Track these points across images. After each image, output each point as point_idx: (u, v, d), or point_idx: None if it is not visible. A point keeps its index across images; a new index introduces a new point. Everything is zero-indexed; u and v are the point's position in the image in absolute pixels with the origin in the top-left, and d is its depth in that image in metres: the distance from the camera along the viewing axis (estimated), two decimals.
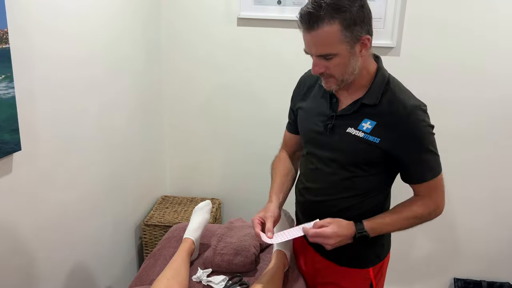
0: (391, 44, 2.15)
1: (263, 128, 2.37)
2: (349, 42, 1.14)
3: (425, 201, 1.28)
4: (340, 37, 1.12)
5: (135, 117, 2.11)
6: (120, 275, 2.09)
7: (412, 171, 1.27)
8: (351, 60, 1.17)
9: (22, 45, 1.29)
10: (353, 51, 1.16)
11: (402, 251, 2.41)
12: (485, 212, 2.30)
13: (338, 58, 1.15)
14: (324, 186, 1.33)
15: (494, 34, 2.08)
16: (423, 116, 1.23)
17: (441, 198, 1.30)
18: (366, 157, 1.25)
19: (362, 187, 1.30)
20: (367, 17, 1.16)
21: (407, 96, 1.25)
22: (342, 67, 1.17)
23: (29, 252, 1.42)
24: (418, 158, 1.24)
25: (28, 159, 1.36)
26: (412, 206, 1.28)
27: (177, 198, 2.50)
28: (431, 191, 1.28)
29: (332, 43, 1.13)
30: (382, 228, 1.27)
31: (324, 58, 1.17)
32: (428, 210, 1.28)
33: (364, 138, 1.23)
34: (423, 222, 1.31)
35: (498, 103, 2.15)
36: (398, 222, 1.28)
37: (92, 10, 1.66)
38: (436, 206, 1.29)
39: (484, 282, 2.36)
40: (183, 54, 2.36)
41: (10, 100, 1.25)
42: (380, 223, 1.26)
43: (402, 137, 1.21)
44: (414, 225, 1.30)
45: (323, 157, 1.32)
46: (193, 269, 1.55)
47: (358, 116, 1.25)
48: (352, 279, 1.39)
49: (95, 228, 1.82)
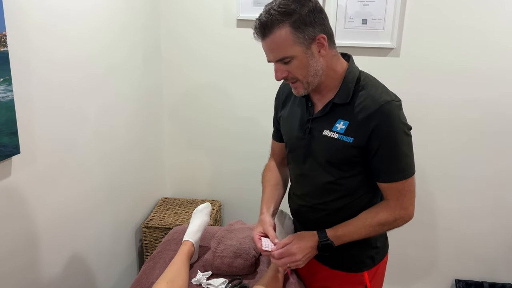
0: (391, 45, 2.14)
1: (264, 130, 2.36)
2: (303, 43, 1.15)
3: (391, 206, 1.24)
4: (292, 39, 1.14)
5: (134, 119, 2.11)
6: (121, 277, 2.09)
7: (381, 169, 1.23)
8: (310, 61, 1.17)
9: (20, 48, 1.29)
10: (310, 52, 1.17)
11: (404, 252, 2.41)
12: (487, 213, 2.29)
13: (296, 60, 1.17)
14: (311, 191, 1.34)
15: (495, 34, 2.07)
16: (396, 111, 1.19)
17: (409, 202, 1.25)
18: (344, 158, 1.24)
19: (347, 188, 1.29)
20: (319, 17, 1.16)
21: (379, 91, 1.22)
22: (302, 69, 1.18)
23: (29, 254, 1.42)
24: (387, 155, 1.20)
25: (27, 162, 1.36)
26: (377, 212, 1.25)
27: (177, 200, 2.49)
28: (399, 194, 1.23)
29: (286, 46, 1.15)
30: (346, 236, 1.25)
31: (283, 63, 1.18)
32: (394, 216, 1.24)
33: (339, 139, 1.23)
34: (391, 229, 1.28)
35: (499, 104, 2.15)
36: (363, 229, 1.25)
37: (90, 12, 1.66)
38: (404, 212, 1.24)
39: (485, 283, 2.35)
40: (183, 55, 2.36)
41: (8, 103, 1.25)
42: (344, 230, 1.25)
43: (373, 132, 1.18)
44: (380, 231, 1.28)
45: (305, 162, 1.32)
46: (193, 272, 1.55)
47: (332, 117, 1.25)
48: (346, 283, 1.38)
49: (95, 230, 1.82)
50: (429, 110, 2.21)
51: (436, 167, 2.27)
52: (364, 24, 2.15)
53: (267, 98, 2.34)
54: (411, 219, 1.27)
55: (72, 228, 1.65)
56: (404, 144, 1.21)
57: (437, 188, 2.31)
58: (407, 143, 1.22)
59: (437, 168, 2.27)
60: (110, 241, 1.97)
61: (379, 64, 2.18)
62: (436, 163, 2.27)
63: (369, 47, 2.15)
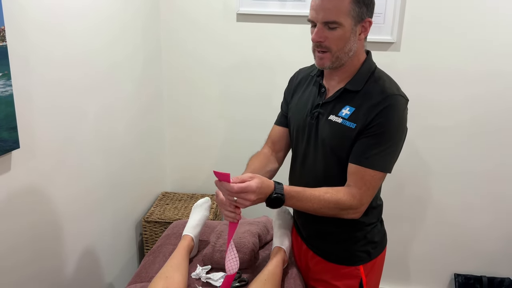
0: (391, 40, 2.14)
1: (263, 124, 2.35)
2: (354, 18, 1.18)
3: (352, 193, 1.20)
4: (349, 8, 1.17)
5: (135, 114, 2.11)
6: (121, 271, 2.10)
7: (358, 150, 1.20)
8: (351, 37, 1.20)
9: (19, 43, 1.29)
10: (355, 29, 1.20)
11: (403, 246, 2.41)
12: (485, 207, 2.30)
13: (341, 30, 1.18)
14: (313, 176, 1.33)
15: (495, 29, 2.06)
16: (400, 106, 1.20)
17: (366, 196, 1.21)
18: (345, 144, 1.24)
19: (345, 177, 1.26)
20: (373, 4, 1.22)
21: (389, 85, 1.24)
22: (341, 42, 1.20)
23: (29, 249, 1.42)
24: (371, 140, 1.19)
25: (26, 157, 1.36)
26: (338, 191, 1.20)
27: (177, 194, 2.50)
28: (362, 183, 1.20)
29: (341, 11, 1.17)
30: (299, 199, 1.17)
31: (328, 27, 1.19)
32: (350, 204, 1.19)
33: (342, 124, 1.23)
34: (339, 215, 1.22)
35: (499, 100, 2.14)
36: (317, 202, 1.18)
37: (90, 8, 1.65)
38: (359, 204, 1.20)
39: (484, 277, 2.36)
40: (182, 50, 2.36)
41: (8, 98, 1.24)
42: (299, 192, 1.18)
43: (372, 119, 1.19)
44: (329, 212, 1.21)
45: (310, 146, 1.33)
46: (193, 266, 1.56)
47: (340, 103, 1.26)
48: (342, 276, 1.39)
49: (95, 224, 1.82)
50: (429, 105, 2.21)
51: (435, 162, 2.28)
52: None
53: (268, 94, 2.36)
54: (357, 217, 1.23)
55: (73, 222, 1.65)
56: (392, 139, 1.21)
57: (436, 183, 2.31)
58: (396, 142, 1.22)
59: (436, 163, 2.28)
60: (111, 236, 1.97)
61: (379, 58, 2.13)
62: (435, 158, 2.27)
63: (370, 41, 2.10)
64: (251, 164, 1.41)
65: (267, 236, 1.71)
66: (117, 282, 2.06)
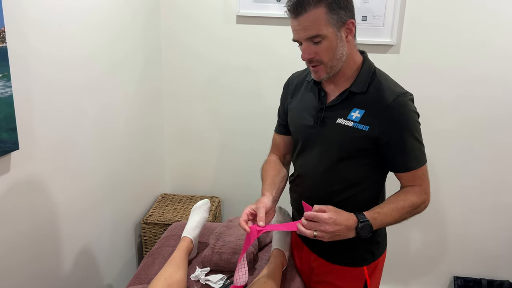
0: (390, 42, 2.14)
1: (263, 126, 2.36)
2: (335, 25, 1.18)
3: (417, 191, 1.26)
4: (326, 18, 1.17)
5: (134, 115, 2.11)
6: (120, 273, 2.10)
7: (399, 159, 1.26)
8: (338, 44, 1.20)
9: (19, 44, 1.29)
10: (340, 35, 1.20)
11: (402, 248, 2.41)
12: (486, 210, 2.30)
13: (326, 41, 1.19)
14: (317, 180, 1.34)
15: (495, 31, 2.07)
16: (410, 103, 1.24)
17: (427, 187, 1.29)
18: (357, 147, 1.26)
19: (354, 178, 1.29)
20: (350, 2, 1.21)
21: (393, 84, 1.27)
22: (330, 51, 1.20)
23: (29, 250, 1.42)
24: (404, 144, 1.24)
25: (26, 158, 1.36)
26: (406, 195, 1.25)
27: (176, 196, 2.50)
28: (420, 180, 1.27)
29: (319, 24, 1.17)
30: (382, 219, 1.21)
31: (312, 42, 1.20)
32: (421, 200, 1.26)
33: (354, 127, 1.24)
34: (415, 214, 1.27)
35: (499, 102, 2.15)
36: (396, 212, 1.22)
37: (90, 8, 1.65)
38: (426, 196, 1.28)
39: (484, 280, 2.36)
40: (182, 51, 2.36)
41: (7, 99, 1.24)
42: (379, 212, 1.21)
43: (390, 123, 1.22)
44: (409, 215, 1.25)
45: (314, 150, 1.33)
46: (192, 268, 1.55)
47: (347, 106, 1.26)
48: (346, 278, 1.39)
49: (94, 226, 1.82)
50: (429, 107, 2.21)
51: (435, 164, 2.27)
52: (364, 21, 2.14)
53: (268, 95, 2.36)
54: (427, 206, 1.30)
55: (72, 224, 1.65)
56: (417, 132, 1.26)
57: (436, 186, 2.30)
58: (419, 130, 1.27)
59: (436, 165, 2.27)
60: (110, 237, 1.97)
61: (379, 60, 2.13)
62: (435, 160, 2.27)
63: (369, 43, 2.14)
64: (266, 174, 1.44)
65: (266, 238, 1.71)
66: (116, 283, 2.05)
